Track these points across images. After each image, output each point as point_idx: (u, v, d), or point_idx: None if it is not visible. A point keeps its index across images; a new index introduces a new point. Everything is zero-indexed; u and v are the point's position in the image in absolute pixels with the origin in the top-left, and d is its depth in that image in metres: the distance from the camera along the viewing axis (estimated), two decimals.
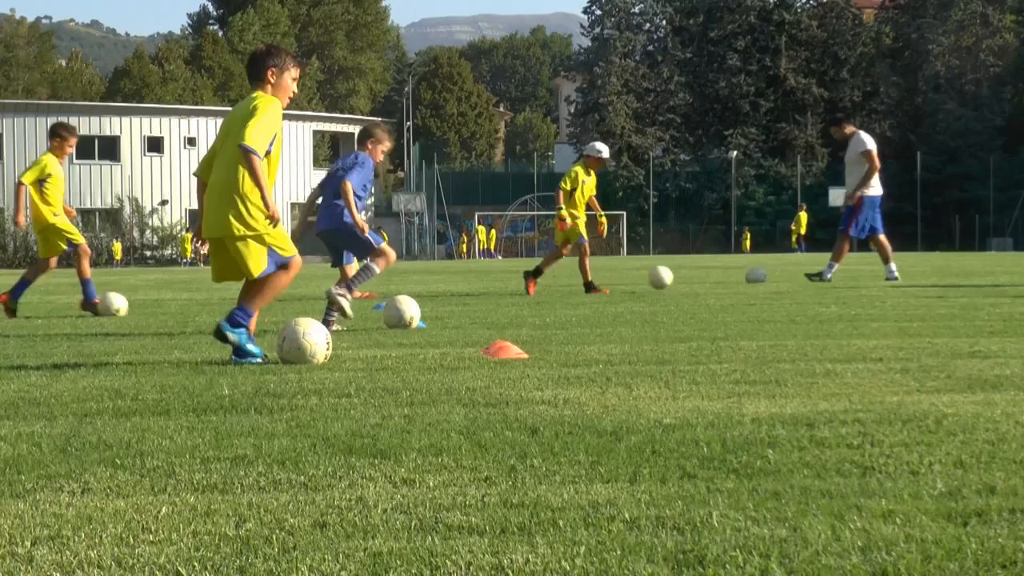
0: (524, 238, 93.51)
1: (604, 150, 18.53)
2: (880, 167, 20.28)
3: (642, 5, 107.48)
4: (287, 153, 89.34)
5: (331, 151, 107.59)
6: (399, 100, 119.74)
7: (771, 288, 19.57)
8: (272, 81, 8.69)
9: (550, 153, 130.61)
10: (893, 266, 20.74)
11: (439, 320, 12.77)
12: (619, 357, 8.32)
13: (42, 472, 4.53)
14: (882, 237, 20.54)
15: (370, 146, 11.95)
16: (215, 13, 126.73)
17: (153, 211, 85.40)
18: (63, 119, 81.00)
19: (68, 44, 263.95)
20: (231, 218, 8.42)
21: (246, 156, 8.29)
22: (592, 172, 18.54)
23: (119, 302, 15.24)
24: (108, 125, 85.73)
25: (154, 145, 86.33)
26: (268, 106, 8.50)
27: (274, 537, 3.50)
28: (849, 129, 20.73)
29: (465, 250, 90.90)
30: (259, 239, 8.45)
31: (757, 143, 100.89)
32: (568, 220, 18.20)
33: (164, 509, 3.86)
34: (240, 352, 8.36)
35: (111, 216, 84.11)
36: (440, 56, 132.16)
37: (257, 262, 8.46)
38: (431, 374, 7.48)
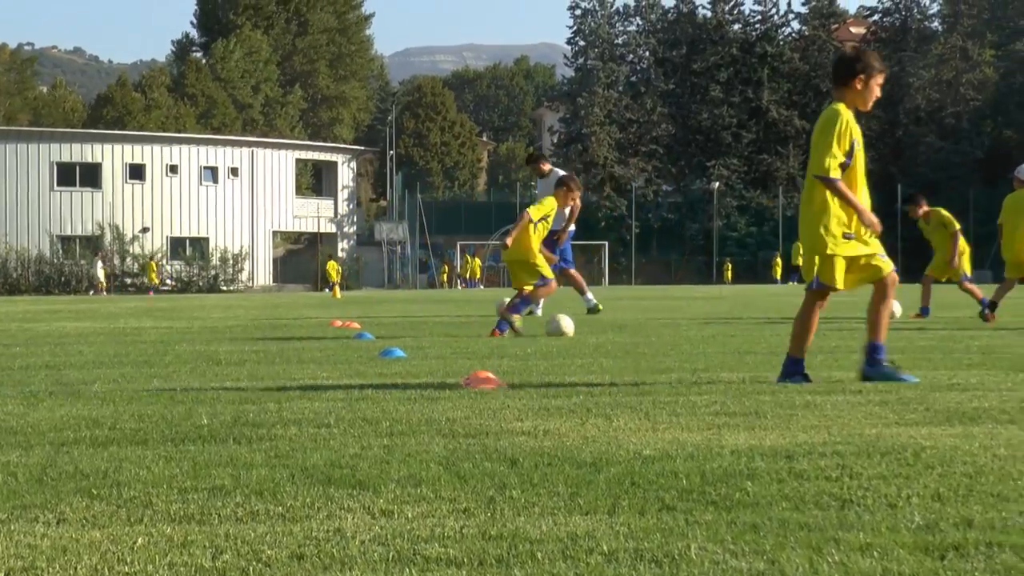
0: (505, 268, 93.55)
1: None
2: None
3: (625, 36, 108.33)
4: (270, 182, 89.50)
5: (314, 179, 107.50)
6: (382, 129, 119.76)
7: (753, 319, 19.58)
8: (858, 87, 8.77)
9: (533, 183, 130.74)
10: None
11: (420, 350, 12.76)
12: (600, 388, 8.32)
13: (17, 502, 4.50)
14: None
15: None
16: (198, 40, 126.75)
17: (134, 238, 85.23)
18: (44, 146, 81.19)
19: (51, 71, 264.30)
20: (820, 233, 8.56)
21: (827, 185, 8.50)
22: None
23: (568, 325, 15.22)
24: (90, 152, 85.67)
25: (136, 172, 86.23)
26: (830, 124, 8.61)
27: (251, 569, 3.48)
28: None
29: (447, 279, 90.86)
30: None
31: (739, 174, 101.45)
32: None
33: (140, 540, 3.83)
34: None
35: (92, 243, 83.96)
36: (424, 85, 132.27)
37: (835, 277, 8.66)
38: (411, 404, 7.46)
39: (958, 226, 20.46)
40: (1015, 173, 19.12)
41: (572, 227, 20.80)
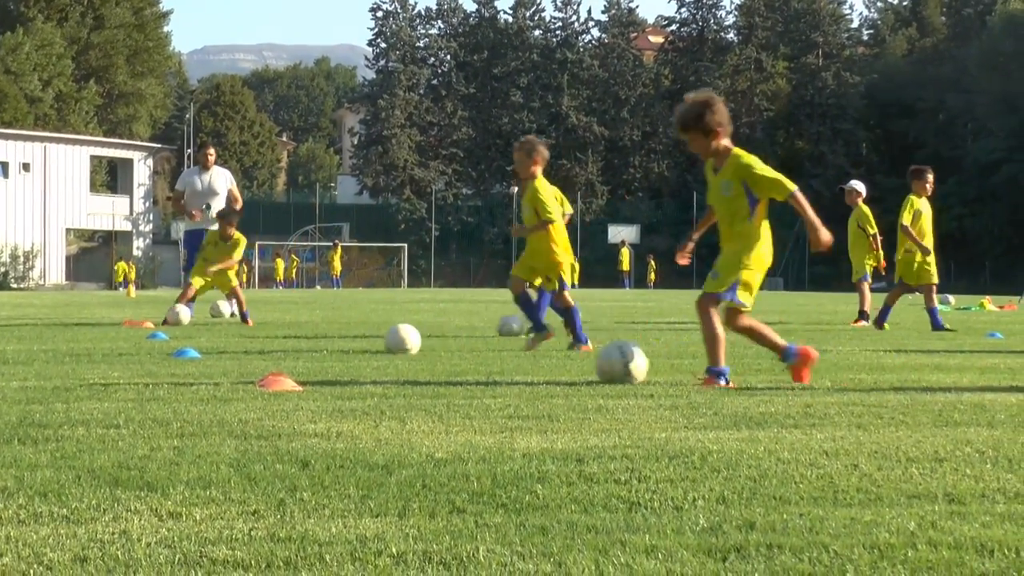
0: (305, 268, 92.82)
1: None
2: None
3: (427, 39, 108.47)
4: (63, 178, 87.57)
5: (108, 176, 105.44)
6: (180, 127, 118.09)
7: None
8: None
9: (333, 184, 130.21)
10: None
11: (215, 350, 12.61)
12: (394, 390, 8.32)
13: None
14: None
15: None
16: None
17: None
18: None
19: None
20: None
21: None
22: None
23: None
24: None
25: None
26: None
27: (31, 572, 3.42)
28: None
29: (246, 279, 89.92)
30: None
31: None
32: None
33: None
34: None
35: None
36: (223, 84, 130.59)
37: None
38: (203, 405, 7.38)
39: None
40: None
41: None
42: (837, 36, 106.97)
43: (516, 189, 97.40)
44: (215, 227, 19.33)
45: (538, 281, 13.34)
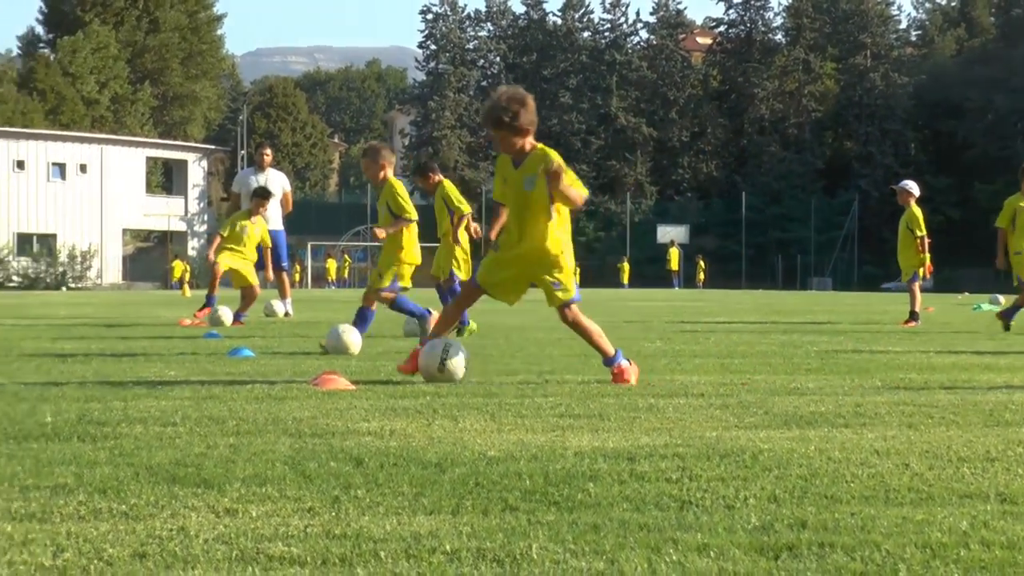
0: (357, 268, 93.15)
1: None
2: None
3: (476, 41, 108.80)
4: (120, 179, 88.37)
5: (163, 177, 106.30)
6: (233, 129, 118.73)
7: (599, 323, 19.76)
8: None
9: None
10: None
11: (269, 350, 12.70)
12: (446, 389, 8.36)
13: None
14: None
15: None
16: (45, 36, 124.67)
17: None
18: None
19: None
20: None
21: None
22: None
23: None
24: None
25: None
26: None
27: (92, 567, 3.45)
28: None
29: (299, 279, 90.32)
30: None
31: (588, 180, 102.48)
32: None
33: None
34: None
35: None
36: (275, 86, 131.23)
37: None
38: (258, 403, 7.44)
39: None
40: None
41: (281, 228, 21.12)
42: (885, 37, 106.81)
43: None
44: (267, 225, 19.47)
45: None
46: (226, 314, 18.14)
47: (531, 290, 9.22)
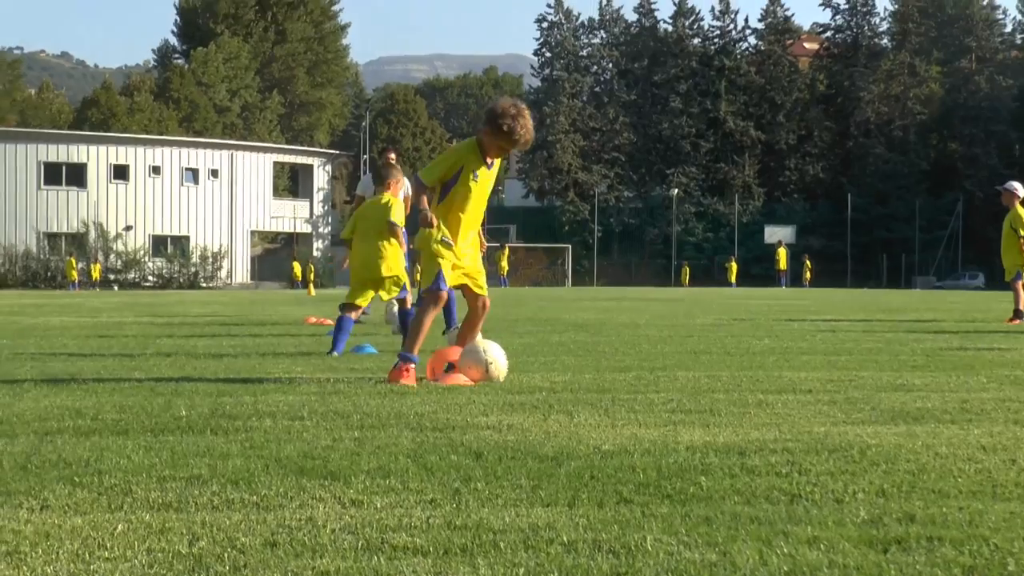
0: None
1: None
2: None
3: (590, 48, 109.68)
4: (249, 183, 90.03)
5: (290, 181, 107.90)
6: (356, 134, 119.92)
7: (709, 320, 19.81)
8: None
9: (500, 188, 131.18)
10: None
11: (391, 346, 12.82)
12: (561, 385, 8.45)
13: (2, 489, 4.58)
14: None
15: None
16: (180, 48, 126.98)
17: (117, 236, 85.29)
18: (32, 146, 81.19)
19: (39, 74, 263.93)
20: None
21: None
22: None
23: None
24: (76, 152, 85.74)
25: (120, 173, 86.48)
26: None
27: (226, 555, 3.57)
28: None
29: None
30: None
31: (697, 182, 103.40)
32: None
33: (120, 527, 3.93)
34: None
35: (77, 240, 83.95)
36: (396, 93, 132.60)
37: None
38: (381, 399, 7.57)
39: None
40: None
41: None
42: (990, 41, 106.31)
43: (676, 192, 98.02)
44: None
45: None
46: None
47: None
